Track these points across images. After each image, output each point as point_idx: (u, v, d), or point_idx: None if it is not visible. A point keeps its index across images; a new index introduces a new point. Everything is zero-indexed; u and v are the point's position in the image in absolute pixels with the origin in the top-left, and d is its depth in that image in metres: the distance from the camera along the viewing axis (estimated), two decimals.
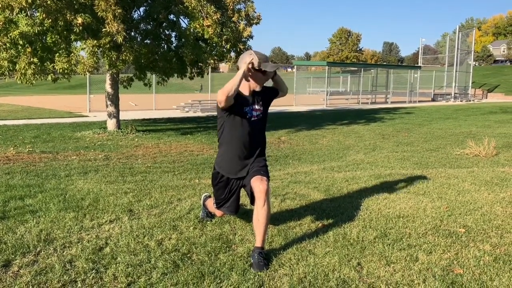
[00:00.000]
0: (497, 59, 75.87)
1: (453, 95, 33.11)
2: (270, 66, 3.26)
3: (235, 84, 3.06)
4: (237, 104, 3.21)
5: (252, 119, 3.31)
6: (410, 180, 5.87)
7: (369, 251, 3.39)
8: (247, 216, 4.06)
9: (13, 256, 3.18)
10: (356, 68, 38.20)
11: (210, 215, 4.03)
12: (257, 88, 3.34)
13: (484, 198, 4.99)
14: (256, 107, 3.34)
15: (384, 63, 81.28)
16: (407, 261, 3.23)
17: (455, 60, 33.82)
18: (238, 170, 3.36)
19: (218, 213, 3.73)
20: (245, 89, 3.30)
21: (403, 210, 4.45)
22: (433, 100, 32.73)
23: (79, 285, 2.80)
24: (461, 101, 32.10)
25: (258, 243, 3.20)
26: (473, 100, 33.36)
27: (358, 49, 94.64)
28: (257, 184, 3.20)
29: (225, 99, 3.06)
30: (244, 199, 4.12)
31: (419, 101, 30.11)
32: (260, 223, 3.17)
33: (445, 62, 37.55)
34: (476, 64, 62.14)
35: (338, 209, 4.46)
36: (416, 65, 45.07)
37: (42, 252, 3.27)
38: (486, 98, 37.90)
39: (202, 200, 4.15)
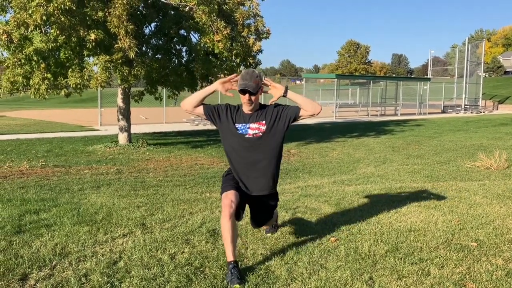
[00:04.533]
0: (507, 70, 75.34)
1: (463, 107, 32.97)
2: (239, 85, 3.19)
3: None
4: (226, 119, 3.33)
5: (246, 136, 3.29)
6: (421, 194, 5.87)
7: (381, 265, 3.39)
8: (258, 230, 4.09)
9: (29, 269, 3.24)
10: (365, 80, 38.17)
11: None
12: (248, 110, 3.30)
13: (496, 211, 4.97)
14: (254, 125, 3.28)
15: (393, 75, 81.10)
16: (419, 275, 3.23)
17: (465, 71, 33.70)
18: (243, 185, 3.38)
19: (225, 201, 3.19)
20: (245, 107, 3.31)
21: (414, 224, 4.45)
22: (443, 112, 32.59)
23: None
24: (471, 112, 31.92)
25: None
26: (483, 112, 33.14)
27: (367, 61, 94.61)
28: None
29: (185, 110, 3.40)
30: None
31: (429, 113, 29.99)
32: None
33: (455, 73, 37.38)
34: (486, 75, 61.84)
35: (349, 223, 4.47)
36: (425, 76, 45.00)
37: (58, 266, 3.32)
38: (497, 109, 37.61)
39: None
